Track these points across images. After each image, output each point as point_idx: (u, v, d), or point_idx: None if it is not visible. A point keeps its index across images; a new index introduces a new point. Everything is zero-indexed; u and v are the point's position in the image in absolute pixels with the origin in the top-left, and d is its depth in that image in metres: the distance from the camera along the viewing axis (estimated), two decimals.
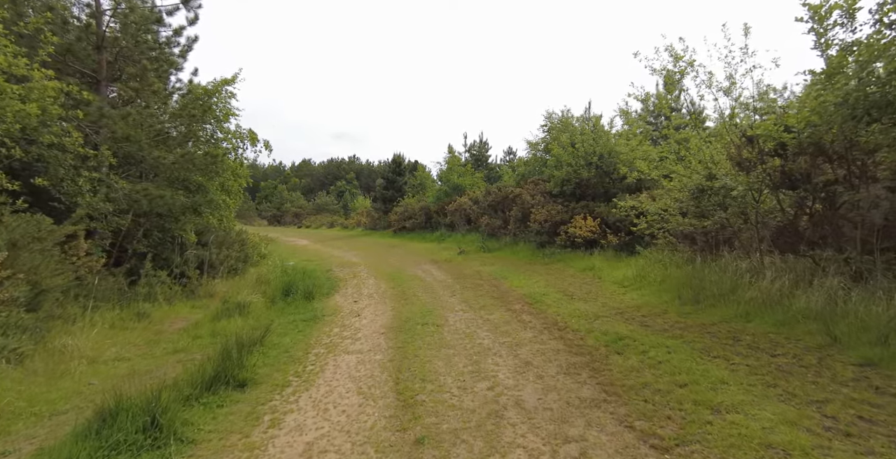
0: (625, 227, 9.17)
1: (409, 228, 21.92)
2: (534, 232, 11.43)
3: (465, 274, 9.66)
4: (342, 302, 7.36)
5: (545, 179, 13.37)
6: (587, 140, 10.89)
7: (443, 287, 8.30)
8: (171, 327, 5.47)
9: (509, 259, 11.39)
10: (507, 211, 14.34)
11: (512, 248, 12.49)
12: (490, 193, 15.70)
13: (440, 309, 6.21)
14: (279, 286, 7.83)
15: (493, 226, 14.46)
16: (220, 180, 9.65)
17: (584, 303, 5.84)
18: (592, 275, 7.81)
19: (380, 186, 29.68)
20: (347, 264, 12.61)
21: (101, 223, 6.24)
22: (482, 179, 22.09)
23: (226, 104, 9.40)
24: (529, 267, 9.78)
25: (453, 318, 5.62)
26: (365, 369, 3.89)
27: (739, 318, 4.46)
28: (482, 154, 26.71)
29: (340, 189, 54.27)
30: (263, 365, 4.01)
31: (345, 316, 6.25)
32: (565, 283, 7.50)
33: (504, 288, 7.64)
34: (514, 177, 17.41)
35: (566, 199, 11.47)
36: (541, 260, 10.17)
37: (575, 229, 9.77)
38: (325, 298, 7.70)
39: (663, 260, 6.74)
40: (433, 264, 12.11)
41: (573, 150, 11.14)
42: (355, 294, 8.13)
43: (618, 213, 9.33)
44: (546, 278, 8.16)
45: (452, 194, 20.54)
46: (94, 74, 6.67)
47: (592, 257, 9.00)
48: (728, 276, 4.86)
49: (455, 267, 10.97)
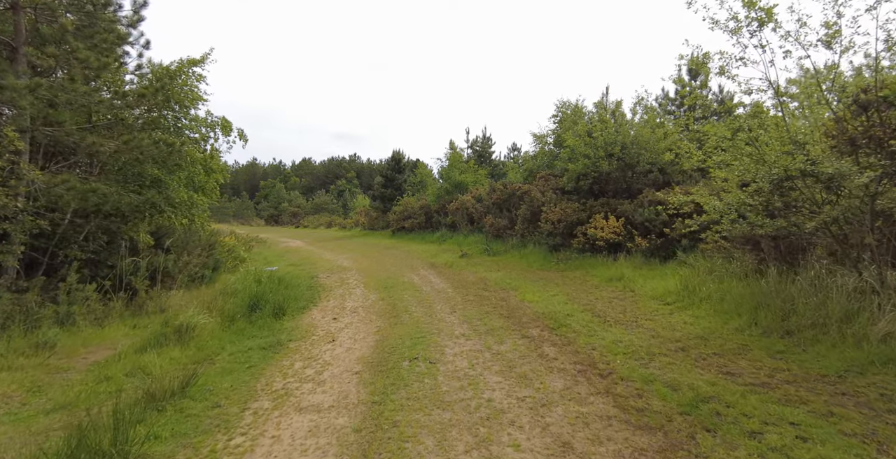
0: (655, 228, 7.81)
1: (409, 228, 20.63)
2: (545, 234, 10.09)
3: (467, 283, 8.34)
4: (318, 320, 6.07)
5: (556, 174, 12.01)
6: (607, 128, 9.53)
7: (441, 299, 6.99)
8: (83, 361, 4.18)
9: (517, 264, 10.05)
10: (514, 209, 13.00)
11: (520, 252, 11.15)
12: (495, 190, 14.36)
13: (436, 334, 4.90)
14: (246, 299, 6.54)
15: (499, 227, 13.14)
16: (185, 174, 8.38)
17: (625, 330, 4.48)
18: (622, 287, 6.47)
19: (378, 184, 28.38)
20: (337, 269, 11.32)
21: (12, 224, 4.96)
22: (486, 176, 20.75)
23: (192, 88, 8.13)
24: (542, 274, 8.44)
25: (452, 349, 4.30)
26: (317, 447, 2.57)
27: (878, 366, 3.05)
28: (485, 150, 25.35)
29: (340, 188, 53.09)
30: (170, 437, 2.71)
31: (315, 342, 4.95)
32: (590, 297, 6.16)
33: (514, 302, 6.31)
34: (520, 174, 16.06)
35: (582, 196, 10.12)
36: (555, 267, 8.82)
37: (595, 230, 8.42)
38: (298, 314, 6.40)
39: (715, 269, 5.40)
40: (432, 269, 10.81)
41: (590, 141, 9.78)
42: (337, 308, 6.83)
43: (645, 213, 7.97)
44: (565, 290, 6.82)
45: (454, 192, 19.21)
46: (11, 42, 5.39)
47: (618, 264, 7.65)
48: (835, 297, 3.51)
49: (456, 274, 9.65)
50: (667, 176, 9.20)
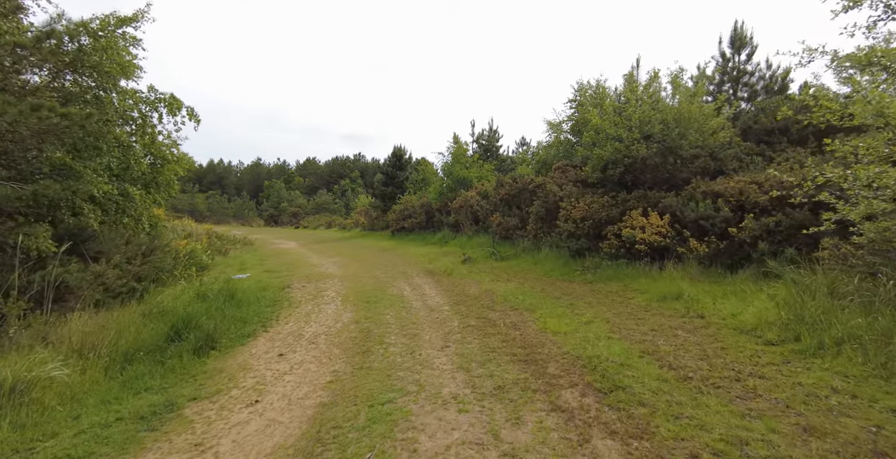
0: (715, 228, 5.93)
1: (408, 229, 18.91)
2: (565, 235, 8.27)
3: (469, 297, 6.56)
4: (258, 357, 4.33)
5: (576, 165, 10.17)
6: (643, 103, 7.66)
7: (433, 323, 5.22)
8: None
9: (531, 272, 8.24)
10: (526, 206, 11.19)
11: (533, 256, 9.34)
12: (502, 185, 12.56)
13: (413, 395, 3.14)
14: (169, 324, 4.84)
15: (507, 227, 11.33)
16: (115, 162, 6.71)
17: (733, 407, 2.51)
18: (684, 310, 4.63)
19: (378, 182, 26.72)
20: (318, 276, 9.62)
21: None
22: (492, 172, 18.92)
23: (120, 51, 6.46)
24: (565, 287, 6.62)
25: (433, 438, 2.51)
26: None
27: None
28: (492, 144, 23.51)
29: (344, 188, 51.63)
30: None
31: (229, 404, 3.22)
32: (643, 327, 4.32)
33: (532, 331, 4.51)
34: (533, 166, 14.23)
35: (610, 189, 8.27)
36: (580, 277, 7.00)
37: (632, 231, 6.57)
38: (235, 347, 4.68)
39: (844, 290, 3.53)
40: (428, 277, 9.05)
41: (620, 120, 7.93)
42: (293, 335, 5.10)
43: (700, 207, 6.11)
44: (601, 312, 5.00)
45: (457, 189, 17.44)
46: None
47: (668, 274, 5.79)
48: None
49: (456, 284, 7.88)
50: (719, 162, 7.31)
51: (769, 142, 7.74)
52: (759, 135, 8.02)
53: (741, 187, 5.87)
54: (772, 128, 7.77)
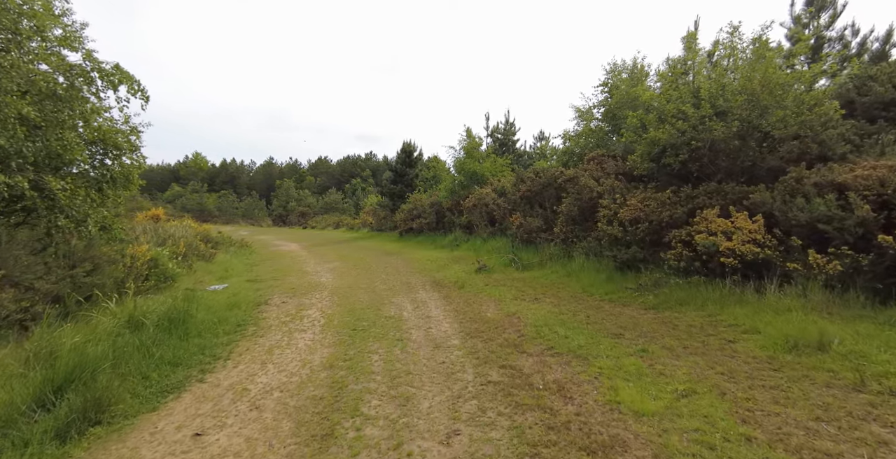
0: (846, 235, 4.07)
1: (417, 230, 17.32)
2: (607, 241, 6.51)
3: (487, 325, 4.90)
4: (155, 446, 2.77)
5: (616, 155, 8.39)
6: (715, 70, 5.84)
7: (437, 374, 3.58)
8: None
9: (565, 287, 6.52)
10: (552, 204, 9.44)
11: (564, 266, 7.61)
12: (523, 180, 10.82)
13: None
14: (49, 375, 3.31)
15: (530, 229, 9.59)
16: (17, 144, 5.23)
17: None
18: (853, 377, 2.82)
19: (387, 180, 25.20)
20: (307, 288, 8.10)
21: None
22: (508, 167, 17.15)
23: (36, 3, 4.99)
24: (619, 313, 4.89)
25: None
26: None
27: None
28: (508, 137, 21.72)
29: (354, 187, 50.47)
30: None
31: None
32: (792, 411, 2.56)
33: (598, 411, 2.82)
34: (558, 159, 12.44)
35: (666, 182, 6.48)
36: (635, 298, 5.26)
37: (711, 238, 4.78)
38: (138, 417, 3.12)
39: None
40: (436, 290, 7.43)
41: (678, 94, 6.13)
42: (236, 391, 3.53)
43: (818, 206, 4.29)
44: (698, 370, 3.25)
45: (470, 186, 15.74)
46: None
47: (773, 301, 4.00)
48: None
49: (470, 302, 6.23)
50: (824, 147, 5.43)
51: (891, 117, 5.87)
52: (869, 110, 6.14)
53: (882, 175, 4.06)
54: (891, 100, 5.86)
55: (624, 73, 11.10)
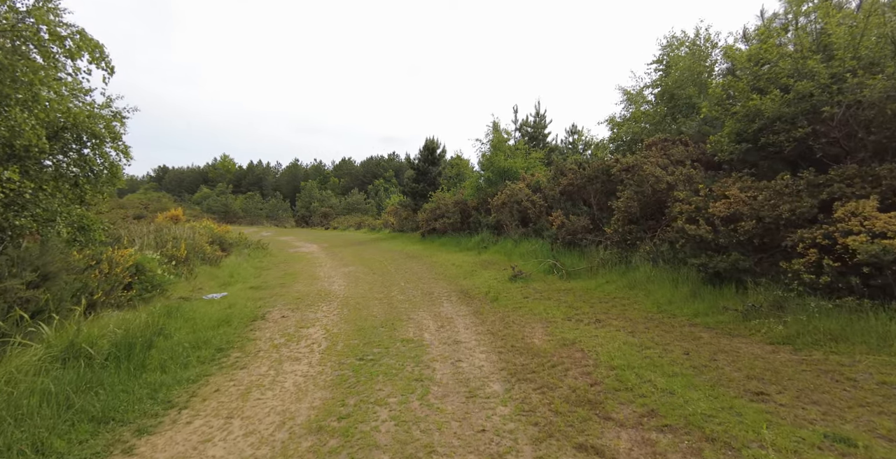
0: None
1: (440, 230, 16.05)
2: (689, 245, 5.00)
3: (538, 359, 3.58)
4: None
5: (686, 141, 6.85)
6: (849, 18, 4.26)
7: (473, 454, 2.25)
8: None
9: (632, 303, 5.08)
10: (600, 200, 7.97)
11: (623, 274, 6.16)
12: (564, 173, 9.37)
13: None
14: None
15: (573, 229, 8.12)
16: None
17: None
18: None
19: (409, 179, 24.10)
20: (315, 298, 6.98)
21: None
22: (540, 162, 15.61)
23: None
24: (727, 347, 3.45)
25: None
26: None
27: None
28: (539, 131, 20.14)
29: (377, 187, 49.90)
30: None
31: None
32: None
33: None
34: (602, 149, 10.89)
35: (768, 167, 4.91)
36: (745, 326, 3.76)
37: (874, 241, 3.25)
38: None
39: None
40: (464, 303, 6.15)
41: (805, 49, 4.56)
42: None
43: None
44: None
45: (498, 183, 14.33)
46: None
47: None
48: None
49: (509, 322, 4.89)
50: None
51: None
52: None
53: None
54: None
55: (683, 48, 9.44)
